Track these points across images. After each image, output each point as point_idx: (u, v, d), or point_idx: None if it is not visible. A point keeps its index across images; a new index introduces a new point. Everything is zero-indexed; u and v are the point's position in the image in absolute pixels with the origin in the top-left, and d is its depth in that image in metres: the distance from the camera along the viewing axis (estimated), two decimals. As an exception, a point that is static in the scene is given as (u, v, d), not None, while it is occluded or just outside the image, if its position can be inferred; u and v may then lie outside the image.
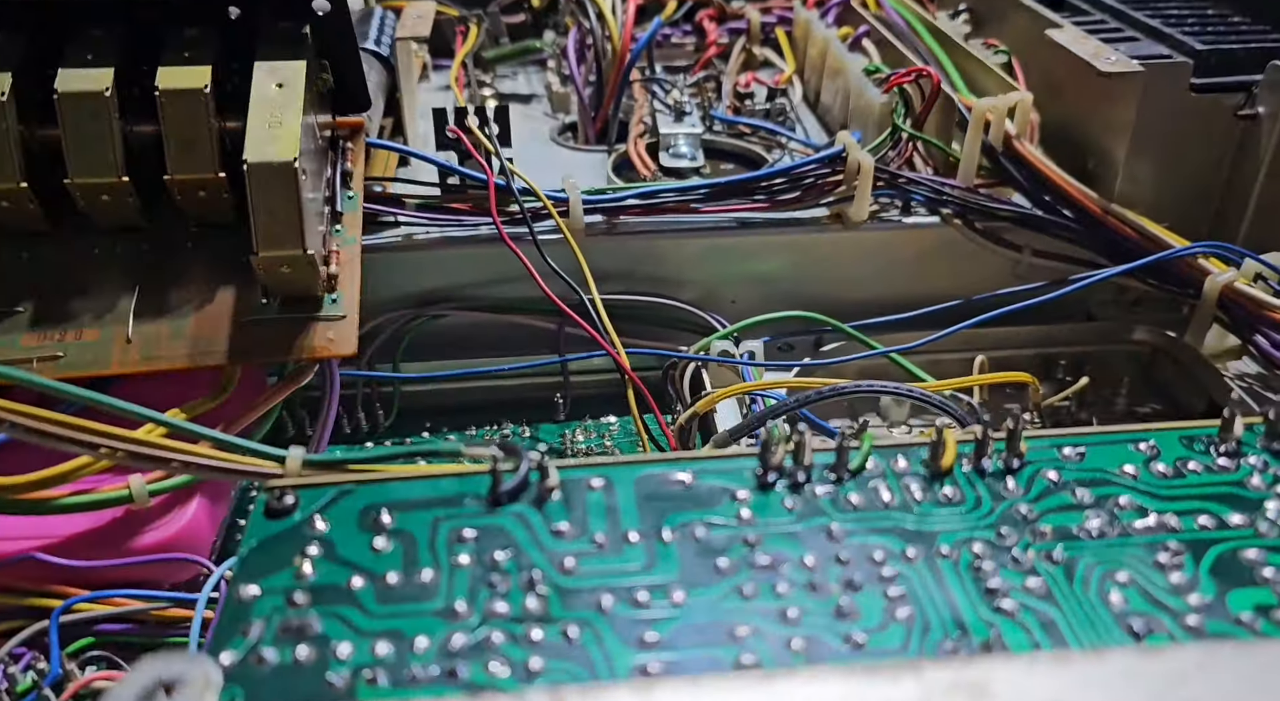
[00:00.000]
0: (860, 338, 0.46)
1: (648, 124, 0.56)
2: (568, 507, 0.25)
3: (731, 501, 0.25)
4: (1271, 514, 0.24)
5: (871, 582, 0.23)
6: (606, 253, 0.47)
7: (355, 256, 0.38)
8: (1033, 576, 0.23)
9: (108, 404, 0.28)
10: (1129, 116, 0.46)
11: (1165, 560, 0.23)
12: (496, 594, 0.23)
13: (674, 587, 0.23)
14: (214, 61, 0.36)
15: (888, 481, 0.26)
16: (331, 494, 0.25)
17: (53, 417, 0.27)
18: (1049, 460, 0.26)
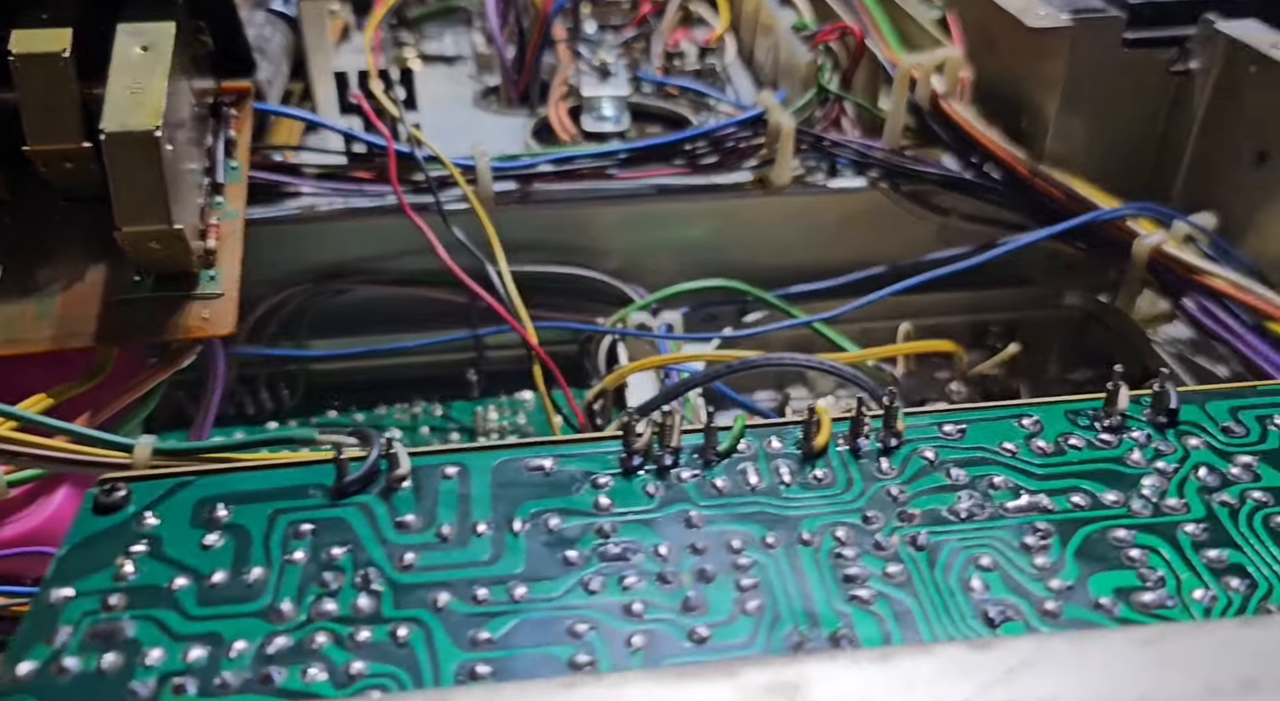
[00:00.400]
0: (781, 306, 0.44)
1: (572, 86, 0.54)
2: (417, 497, 0.24)
3: (592, 488, 0.24)
4: (1147, 491, 0.23)
5: (725, 573, 0.22)
6: (520, 222, 0.45)
7: (237, 230, 0.36)
8: (894, 563, 0.22)
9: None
10: (1059, 72, 0.45)
11: (1033, 542, 0.22)
12: (327, 592, 0.21)
13: (517, 583, 0.22)
14: (76, 23, 0.33)
15: (758, 464, 0.24)
16: (168, 486, 0.24)
17: None
18: (928, 438, 0.25)
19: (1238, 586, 0.21)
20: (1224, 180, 0.44)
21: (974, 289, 0.48)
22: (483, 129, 0.52)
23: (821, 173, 0.47)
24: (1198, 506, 0.23)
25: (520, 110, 0.54)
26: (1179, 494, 0.23)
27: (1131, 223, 0.43)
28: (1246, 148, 0.42)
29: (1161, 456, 0.24)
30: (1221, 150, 0.44)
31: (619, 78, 0.53)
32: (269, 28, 0.48)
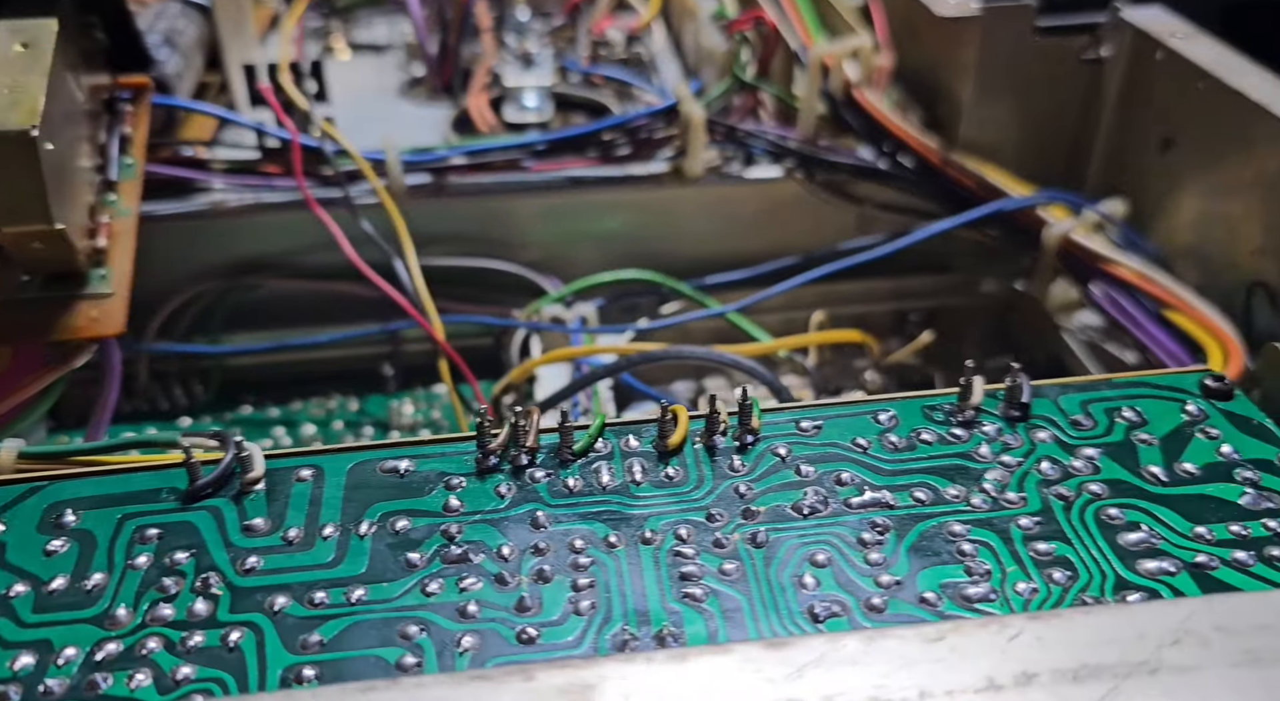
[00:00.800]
0: (696, 297, 0.44)
1: (496, 75, 0.53)
2: (269, 500, 0.24)
3: (444, 490, 0.24)
4: (988, 485, 0.23)
5: (563, 573, 0.22)
6: (436, 215, 0.45)
7: (129, 228, 0.36)
8: (731, 560, 0.22)
9: None
10: (972, 60, 0.45)
11: (870, 538, 0.22)
12: (165, 597, 0.21)
13: (356, 585, 0.22)
14: (-44, 22, 0.33)
15: (613, 463, 0.25)
16: (19, 492, 0.24)
17: None
18: (784, 435, 0.25)
19: (1060, 579, 0.21)
20: (1134, 167, 0.44)
21: (896, 277, 0.48)
22: (405, 120, 0.52)
23: (738, 162, 0.47)
24: (1035, 500, 0.23)
25: (444, 101, 0.54)
26: (1019, 488, 0.23)
27: (1042, 210, 0.43)
28: (1154, 135, 0.42)
29: (1009, 450, 0.24)
30: (1131, 137, 0.44)
31: (543, 67, 0.53)
32: (183, 19, 0.48)
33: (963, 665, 0.17)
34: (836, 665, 0.17)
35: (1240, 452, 0.24)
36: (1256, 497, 0.23)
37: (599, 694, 0.17)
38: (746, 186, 0.46)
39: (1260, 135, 0.36)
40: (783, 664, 0.17)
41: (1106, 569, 0.21)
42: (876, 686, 0.16)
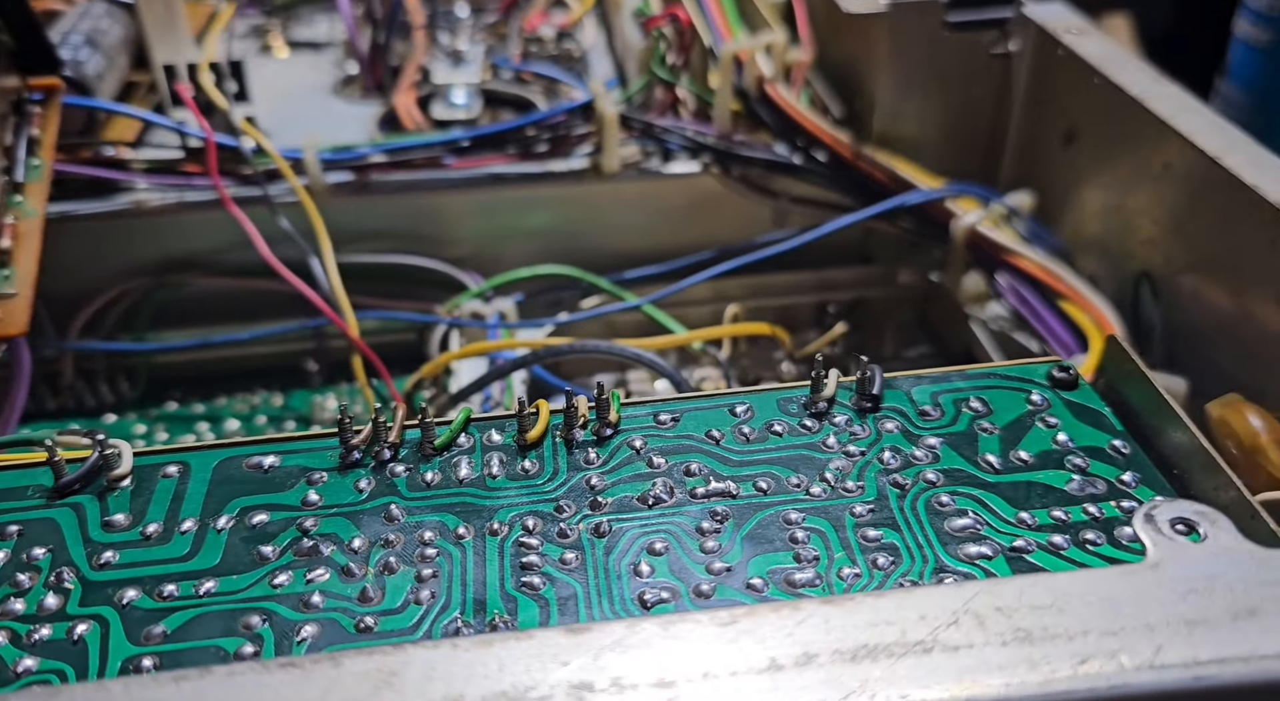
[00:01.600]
0: (613, 291, 0.45)
1: (425, 72, 0.54)
2: (133, 496, 0.24)
3: (305, 484, 0.25)
4: (829, 475, 0.24)
5: (409, 564, 0.23)
6: (358, 213, 0.46)
7: (35, 229, 0.37)
8: (573, 550, 0.23)
9: None
10: (884, 56, 0.45)
11: (708, 526, 0.23)
12: (18, 592, 0.22)
13: (207, 578, 0.22)
14: None
15: (472, 457, 0.25)
16: (-103, 489, 0.25)
17: None
18: (642, 428, 0.26)
19: (883, 564, 0.22)
20: (1042, 161, 0.45)
21: (818, 269, 0.49)
22: (335, 118, 0.52)
23: (657, 158, 0.47)
24: (871, 488, 0.24)
25: (375, 99, 0.54)
26: (859, 477, 0.24)
27: (952, 203, 0.44)
28: (1058, 129, 0.43)
29: (855, 440, 0.25)
30: (1039, 132, 0.45)
31: (473, 64, 0.54)
32: (107, 19, 0.49)
33: (750, 647, 0.18)
34: (631, 648, 0.18)
35: (1075, 440, 0.25)
36: (1082, 483, 0.23)
37: (401, 678, 0.17)
38: (666, 181, 0.47)
39: (1146, 131, 0.37)
40: (581, 648, 0.18)
41: (929, 553, 0.22)
42: (665, 668, 0.17)
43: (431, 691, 0.17)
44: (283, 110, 0.52)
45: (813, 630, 0.18)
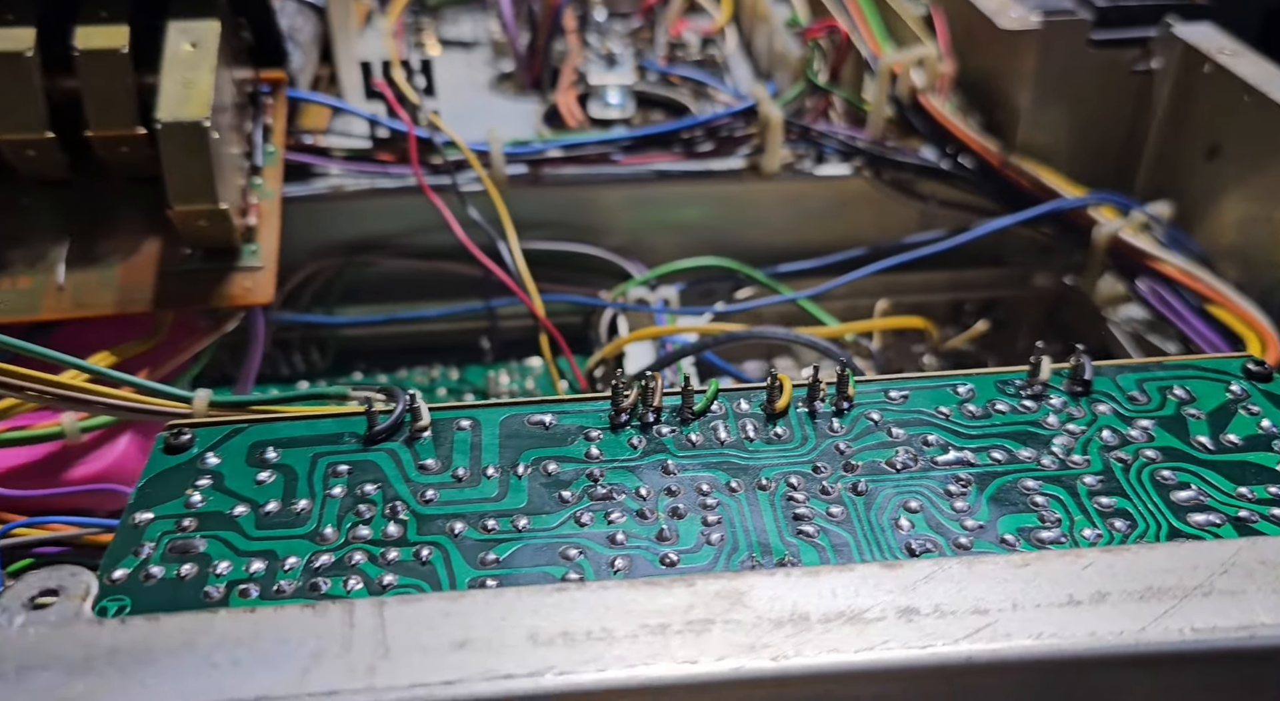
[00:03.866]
0: (769, 283, 0.48)
1: (580, 73, 0.57)
2: (436, 445, 0.28)
3: (584, 440, 0.28)
4: (1056, 449, 0.27)
5: (694, 511, 0.26)
6: (530, 203, 0.49)
7: (274, 209, 0.40)
8: (836, 505, 0.26)
9: (34, 351, 0.31)
10: (1030, 70, 0.48)
11: (955, 490, 0.26)
12: (362, 520, 0.26)
13: (520, 515, 0.26)
14: (131, 19, 0.37)
15: (728, 422, 0.29)
16: (225, 432, 0.28)
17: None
18: (875, 403, 0.29)
19: (1121, 527, 0.25)
20: (1180, 172, 0.47)
21: (954, 269, 0.52)
22: (497, 114, 0.56)
23: (810, 160, 0.50)
24: (1097, 462, 0.27)
25: (533, 96, 0.58)
26: (1083, 452, 0.27)
27: (1093, 210, 0.46)
28: (1200, 143, 0.46)
29: (1073, 420, 0.28)
30: (1179, 144, 0.47)
31: (624, 66, 0.57)
32: (300, 18, 0.52)
33: (1047, 585, 0.21)
34: (944, 582, 0.21)
35: (1278, 427, 0.27)
36: (1292, 465, 0.26)
37: (750, 598, 0.21)
38: (817, 183, 0.50)
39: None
40: (899, 580, 0.21)
41: (1161, 520, 0.25)
42: (978, 598, 0.20)
43: (779, 609, 0.20)
44: (450, 104, 0.55)
45: (1099, 574, 0.21)
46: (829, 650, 0.19)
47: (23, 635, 0.20)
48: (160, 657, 0.19)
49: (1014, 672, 0.20)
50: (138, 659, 0.19)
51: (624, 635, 0.20)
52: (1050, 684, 0.20)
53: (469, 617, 0.20)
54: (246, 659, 0.19)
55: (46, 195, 0.39)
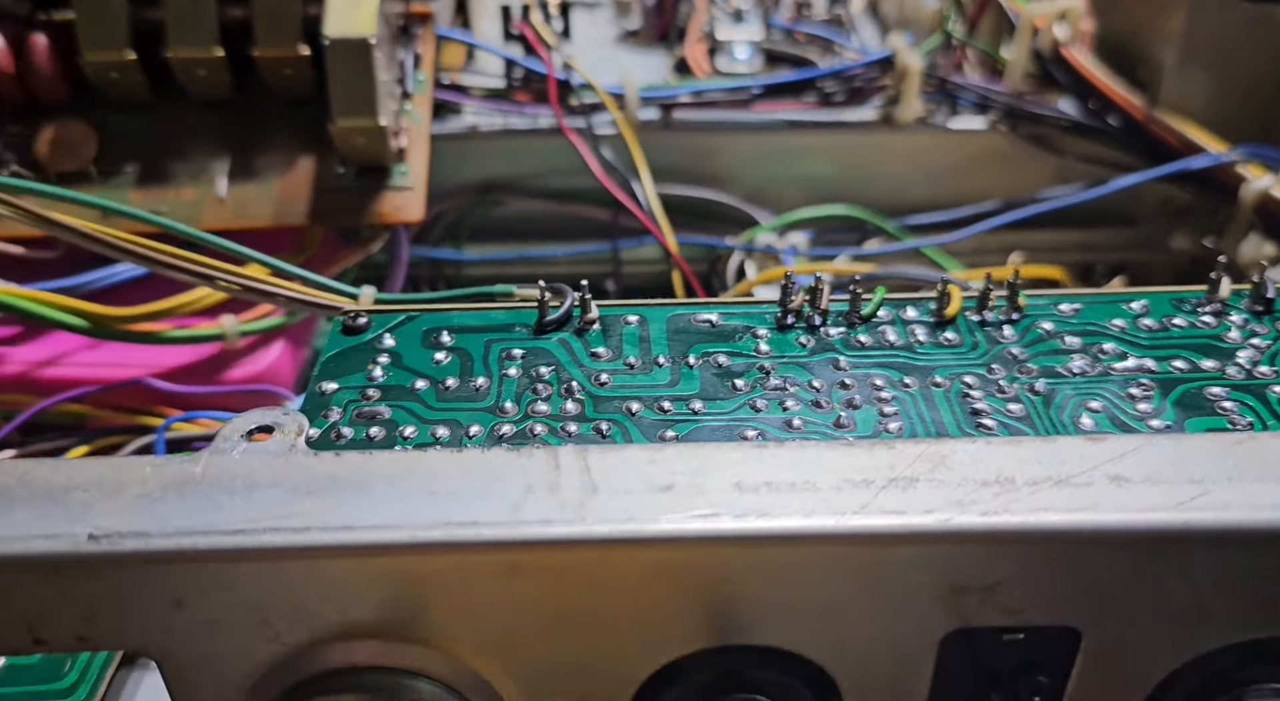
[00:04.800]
0: (897, 234, 0.48)
1: (706, 32, 0.57)
2: (605, 336, 0.28)
3: (752, 338, 0.28)
4: (1243, 360, 0.26)
5: (869, 403, 0.26)
6: (661, 149, 0.49)
7: (424, 133, 0.41)
8: (1014, 403, 0.25)
9: (221, 245, 0.32)
10: (1178, 26, 0.47)
11: (1137, 393, 0.25)
12: (539, 398, 0.26)
13: (694, 400, 0.26)
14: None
15: (896, 327, 0.28)
16: (399, 318, 0.29)
17: (184, 255, 0.31)
18: (1046, 314, 0.29)
19: (1317, 433, 0.24)
20: (1335, 131, 0.46)
21: (1085, 228, 0.51)
22: (626, 65, 0.56)
23: (944, 114, 0.50)
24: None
25: (660, 49, 0.58)
26: (1271, 363, 0.26)
27: (1241, 168, 0.45)
28: (1357, 99, 0.44)
29: (1257, 335, 0.27)
30: (1334, 102, 0.46)
31: (751, 23, 0.57)
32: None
33: (1263, 462, 0.20)
34: (1153, 455, 0.20)
35: None
36: None
37: (951, 461, 0.20)
38: (951, 136, 0.50)
39: None
40: (1106, 450, 0.20)
41: (1359, 428, 0.24)
42: (1192, 470, 0.20)
43: (984, 471, 0.20)
44: (580, 57, 0.56)
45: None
46: (1039, 509, 0.19)
47: (246, 460, 0.21)
48: (378, 485, 0.20)
49: (1231, 545, 0.19)
50: (356, 485, 0.20)
51: (828, 487, 0.20)
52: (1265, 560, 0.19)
53: (673, 464, 0.20)
54: (460, 490, 0.20)
55: (212, 115, 0.41)
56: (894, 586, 0.20)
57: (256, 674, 0.20)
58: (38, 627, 0.19)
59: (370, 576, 0.19)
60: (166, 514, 0.19)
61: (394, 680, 0.20)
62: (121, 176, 0.39)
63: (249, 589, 0.19)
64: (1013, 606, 0.20)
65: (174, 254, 0.31)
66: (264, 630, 0.20)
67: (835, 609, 0.20)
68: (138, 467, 0.20)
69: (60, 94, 0.40)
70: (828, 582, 0.20)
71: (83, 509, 0.19)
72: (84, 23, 0.38)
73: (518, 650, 0.20)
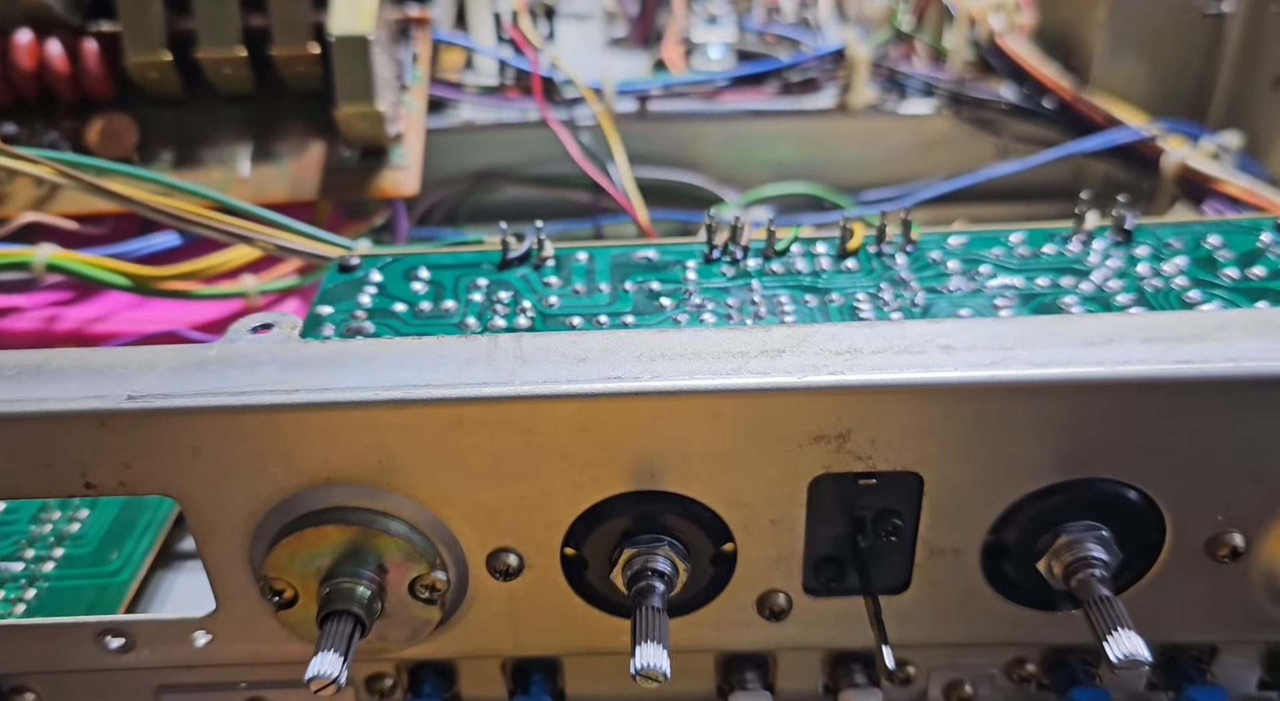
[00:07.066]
0: (852, 208, 0.53)
1: (684, 38, 0.63)
2: (558, 270, 0.33)
3: (682, 269, 0.33)
4: (1095, 278, 0.31)
5: (772, 315, 0.31)
6: (639, 137, 0.55)
7: (419, 120, 0.47)
8: (895, 313, 0.30)
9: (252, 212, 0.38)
10: (1104, 15, 0.52)
11: (1001, 303, 0.30)
12: (497, 315, 0.31)
13: (627, 315, 0.31)
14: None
15: (805, 259, 0.33)
16: (385, 260, 0.34)
17: (225, 219, 0.37)
18: (937, 246, 0.33)
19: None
20: (1251, 107, 0.50)
21: (1030, 202, 0.55)
22: (609, 67, 0.62)
23: (894, 100, 0.55)
24: (1131, 287, 0.30)
25: (642, 53, 0.64)
26: (1119, 278, 0.31)
27: (1161, 141, 0.49)
28: (1267, 75, 0.48)
29: (1112, 258, 0.32)
30: (1248, 80, 0.50)
31: (725, 25, 0.62)
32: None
33: (1067, 334, 0.25)
34: (978, 330, 0.25)
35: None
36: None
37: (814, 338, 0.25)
38: (901, 120, 0.54)
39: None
40: (940, 330, 0.25)
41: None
42: (1008, 340, 0.24)
43: (839, 345, 0.25)
44: (569, 58, 0.62)
45: (1113, 327, 0.25)
46: (877, 369, 0.24)
47: (249, 346, 0.26)
48: (354, 361, 0.25)
49: (1033, 396, 0.24)
50: (338, 361, 0.25)
51: (710, 356, 0.25)
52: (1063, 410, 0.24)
53: (588, 344, 0.25)
54: (417, 364, 0.25)
55: (236, 107, 0.47)
56: (765, 435, 0.24)
57: (260, 514, 0.25)
58: (88, 472, 0.25)
59: (346, 428, 0.24)
60: (187, 381, 0.24)
61: (370, 516, 0.25)
62: (159, 161, 0.45)
63: (252, 439, 0.24)
64: (863, 453, 0.25)
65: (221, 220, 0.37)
66: (264, 475, 0.25)
67: (719, 457, 0.25)
68: (164, 351, 0.26)
69: (107, 91, 0.46)
70: (710, 434, 0.24)
71: (122, 379, 0.25)
72: (128, 30, 0.44)
73: (466, 493, 0.25)
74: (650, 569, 0.25)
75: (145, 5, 0.44)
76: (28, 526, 0.35)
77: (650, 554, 0.25)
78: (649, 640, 0.24)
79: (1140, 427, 0.24)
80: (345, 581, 0.25)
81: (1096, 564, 0.24)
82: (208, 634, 0.28)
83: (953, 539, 0.26)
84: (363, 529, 0.25)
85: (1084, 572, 0.24)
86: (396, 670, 0.30)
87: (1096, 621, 0.23)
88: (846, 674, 0.29)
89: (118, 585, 0.32)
